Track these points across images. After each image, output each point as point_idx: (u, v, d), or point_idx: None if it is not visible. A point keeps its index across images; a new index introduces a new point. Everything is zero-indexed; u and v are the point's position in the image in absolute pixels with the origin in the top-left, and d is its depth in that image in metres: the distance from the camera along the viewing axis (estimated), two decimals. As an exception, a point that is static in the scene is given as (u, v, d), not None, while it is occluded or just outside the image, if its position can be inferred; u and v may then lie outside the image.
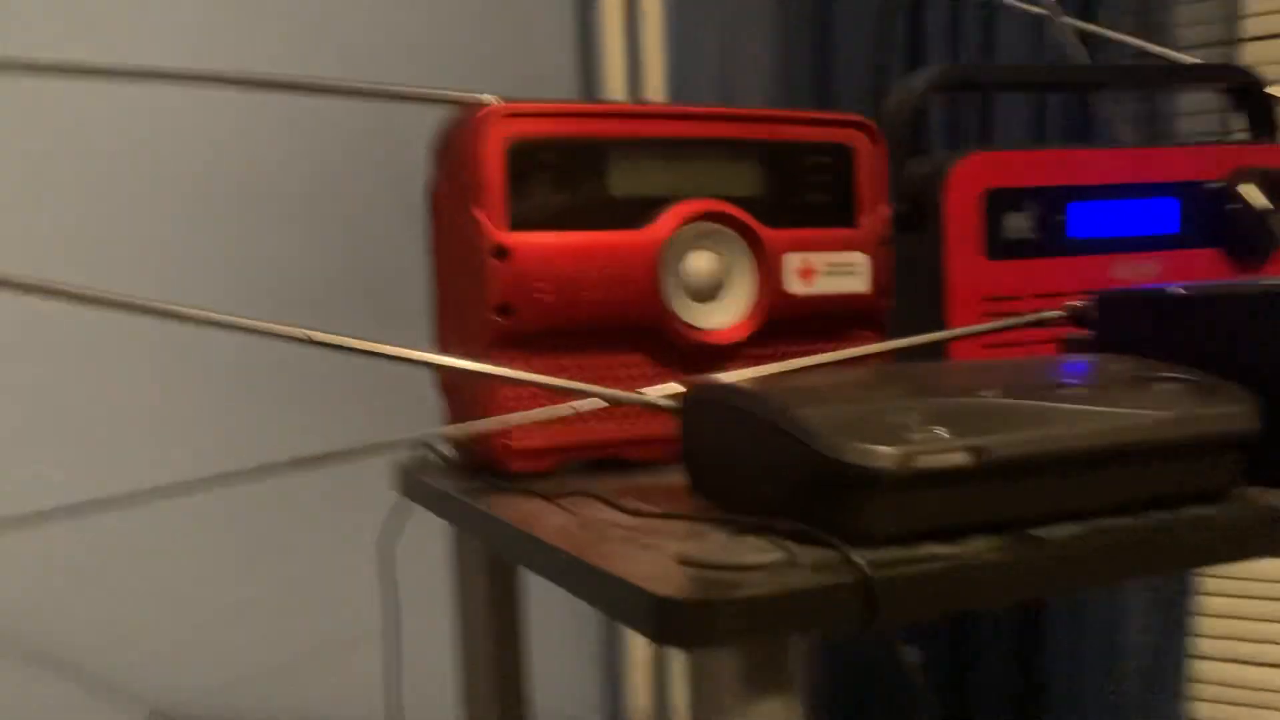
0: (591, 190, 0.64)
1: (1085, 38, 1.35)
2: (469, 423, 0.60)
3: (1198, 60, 0.86)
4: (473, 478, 0.63)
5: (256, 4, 1.34)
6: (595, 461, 0.65)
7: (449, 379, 0.66)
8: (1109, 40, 0.99)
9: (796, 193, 0.69)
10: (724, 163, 0.67)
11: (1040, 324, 0.69)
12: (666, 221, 0.64)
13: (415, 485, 0.67)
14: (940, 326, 0.75)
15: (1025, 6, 0.91)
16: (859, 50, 1.67)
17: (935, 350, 0.73)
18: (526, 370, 0.62)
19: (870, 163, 0.71)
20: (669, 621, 0.38)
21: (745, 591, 0.38)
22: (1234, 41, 1.55)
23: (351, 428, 1.35)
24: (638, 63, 1.70)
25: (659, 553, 0.44)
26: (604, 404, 0.60)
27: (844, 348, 0.71)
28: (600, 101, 0.64)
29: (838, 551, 0.41)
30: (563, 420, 0.63)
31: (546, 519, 0.52)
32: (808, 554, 0.42)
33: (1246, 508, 0.48)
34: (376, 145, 1.40)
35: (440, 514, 0.63)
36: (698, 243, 0.66)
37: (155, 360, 1.25)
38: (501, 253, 0.61)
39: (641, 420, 0.64)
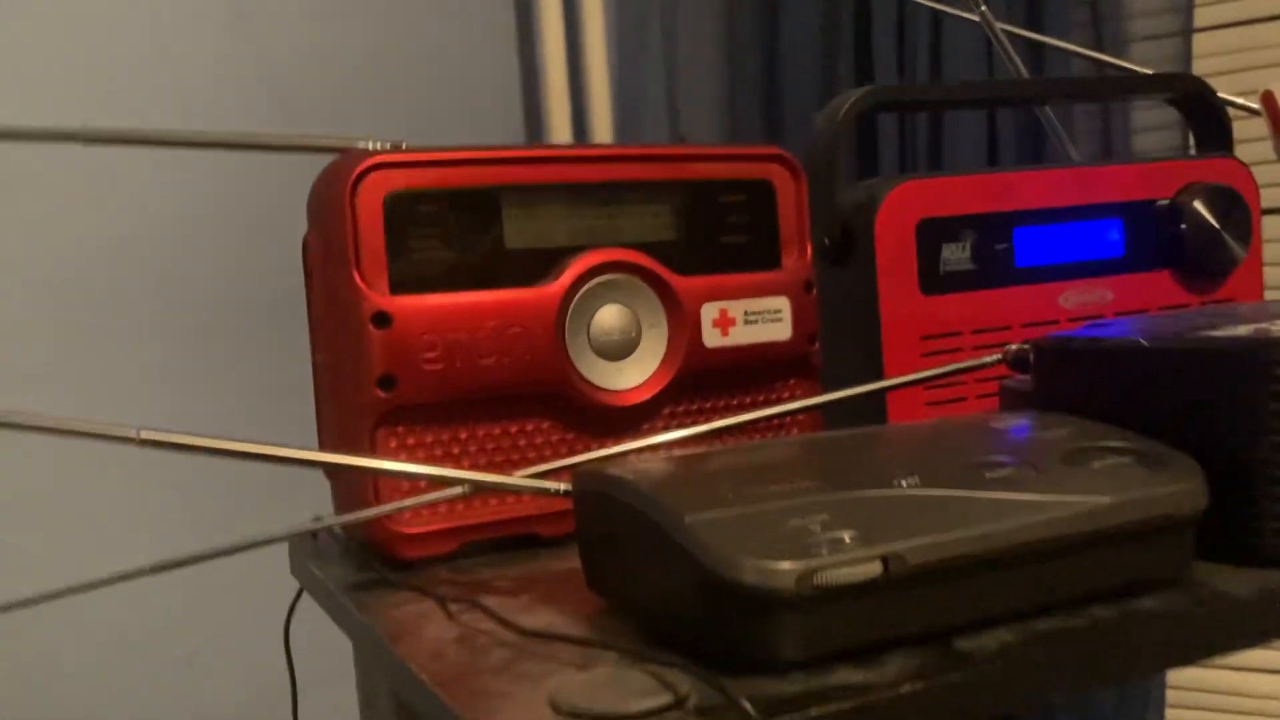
0: (483, 244, 0.58)
1: (1034, 46, 1.30)
2: (355, 513, 0.54)
3: (1143, 70, 0.81)
4: (363, 566, 0.58)
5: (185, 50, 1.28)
6: (487, 541, 0.59)
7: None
8: (1061, 50, 0.94)
9: (712, 236, 0.63)
10: (631, 207, 0.62)
11: (979, 368, 0.64)
12: (568, 275, 0.59)
13: (305, 573, 0.61)
14: (874, 368, 0.70)
15: (960, 14, 0.86)
16: (807, 76, 1.62)
17: (872, 398, 0.68)
18: (417, 444, 0.57)
19: (791, 199, 0.66)
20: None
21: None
22: (1188, 32, 1.51)
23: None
24: (583, 103, 1.65)
25: (535, 690, 0.38)
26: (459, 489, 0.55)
27: (771, 398, 0.65)
28: (488, 146, 0.58)
29: (724, 694, 0.35)
30: (462, 499, 0.57)
31: (424, 630, 0.47)
32: (700, 692, 0.37)
33: (1199, 596, 0.43)
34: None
35: (326, 609, 0.57)
36: (604, 296, 0.60)
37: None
38: (382, 319, 0.55)
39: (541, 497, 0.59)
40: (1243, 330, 0.49)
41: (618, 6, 1.74)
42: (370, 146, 0.59)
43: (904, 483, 0.42)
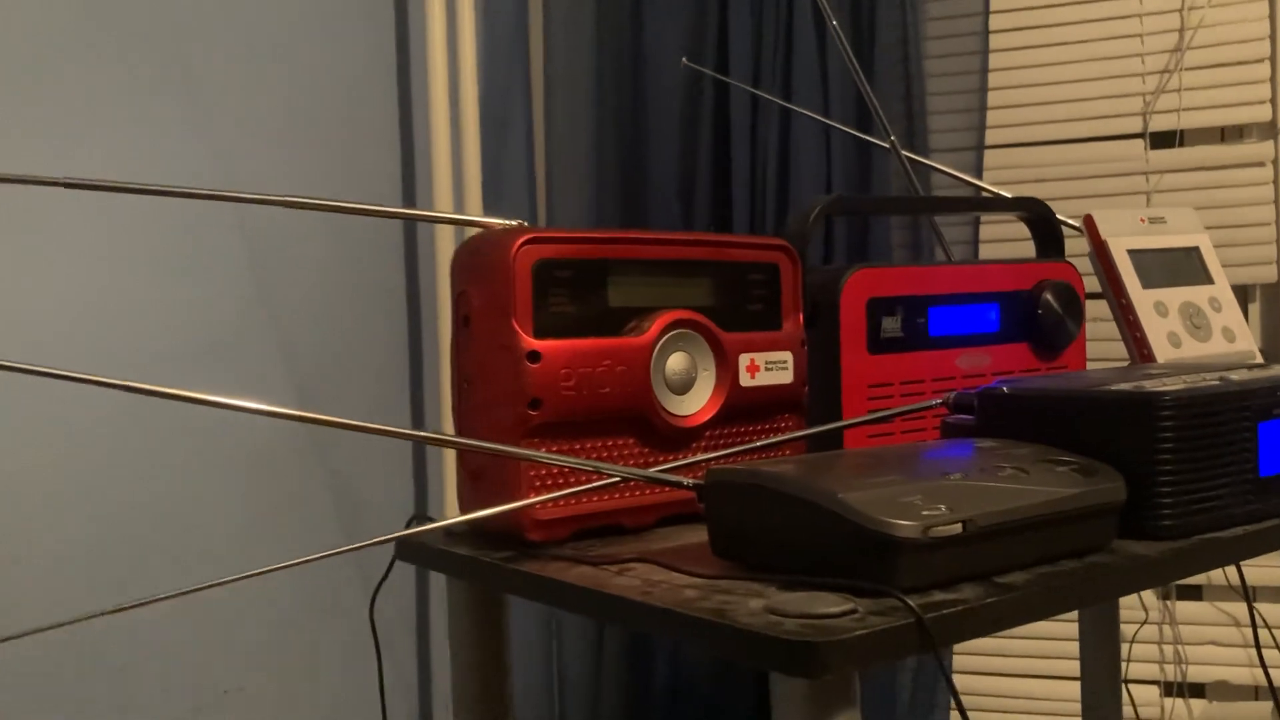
0: (595, 302, 0.77)
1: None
2: (513, 503, 0.71)
3: (1005, 194, 1.09)
4: (486, 547, 0.75)
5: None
6: (589, 529, 0.77)
7: (475, 466, 0.77)
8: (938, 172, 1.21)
9: (741, 303, 0.85)
10: (689, 278, 0.82)
11: (927, 409, 0.88)
12: (654, 328, 0.78)
13: (433, 556, 0.77)
14: (835, 410, 0.92)
15: (872, 140, 1.11)
16: (671, 169, 1.86)
17: (835, 434, 0.90)
18: (548, 452, 0.75)
19: (790, 278, 0.88)
20: (795, 660, 0.52)
21: (843, 634, 0.53)
22: (979, 148, 1.85)
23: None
24: (460, 163, 1.79)
25: (745, 608, 0.58)
26: (616, 480, 0.73)
27: (774, 428, 0.87)
28: (599, 228, 0.77)
29: (898, 601, 0.56)
30: (576, 495, 0.75)
31: (610, 582, 0.65)
32: (862, 604, 0.57)
33: (1124, 556, 0.67)
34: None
35: (474, 580, 0.73)
36: (676, 346, 0.80)
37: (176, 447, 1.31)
38: (534, 356, 0.73)
39: (636, 492, 0.78)
40: (1126, 386, 0.75)
41: (486, 93, 1.91)
42: (507, 224, 0.77)
43: (953, 477, 0.65)
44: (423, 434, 0.65)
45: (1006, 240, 1.81)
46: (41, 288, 1.30)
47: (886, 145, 1.08)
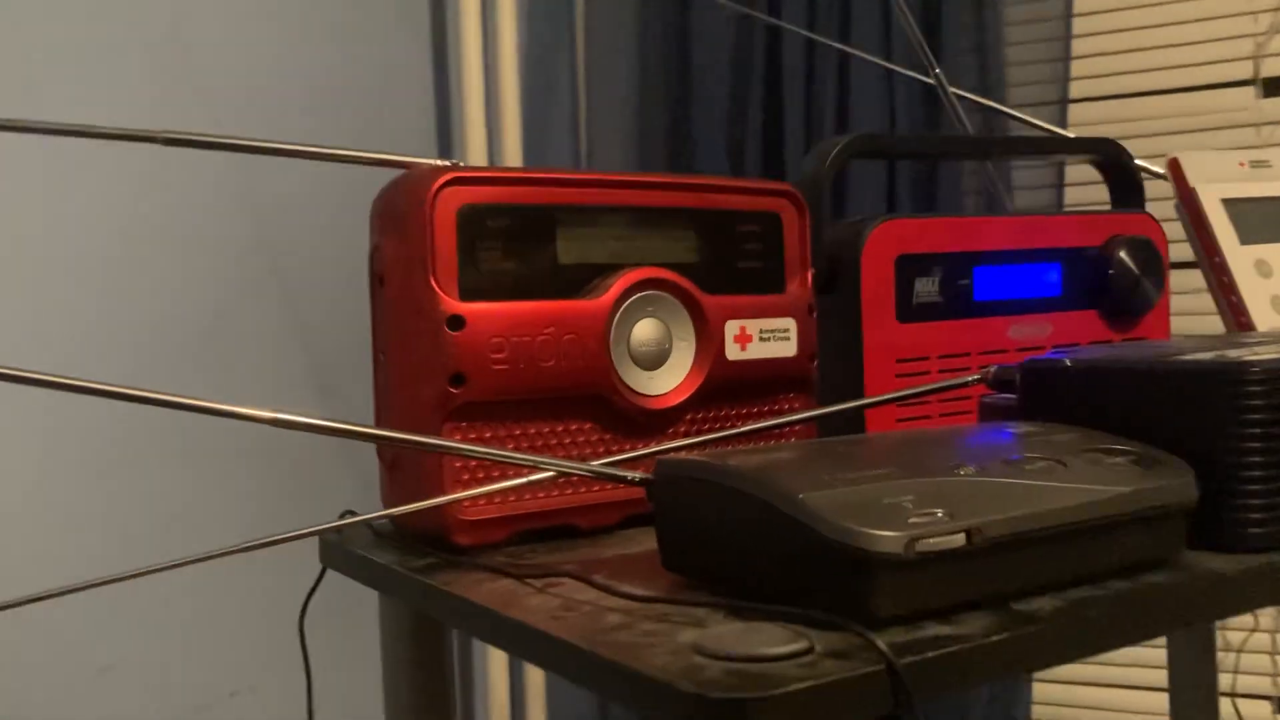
0: (539, 258, 0.63)
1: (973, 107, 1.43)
2: (431, 500, 0.58)
3: (1073, 135, 0.92)
4: (411, 552, 0.62)
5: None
6: (539, 530, 0.64)
7: (391, 455, 0.64)
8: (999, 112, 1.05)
9: (730, 260, 0.70)
10: (663, 230, 0.68)
11: (960, 386, 0.72)
12: (615, 289, 0.65)
13: (349, 560, 0.65)
14: (856, 387, 0.77)
15: (915, 76, 0.95)
16: (718, 88, 1.71)
17: (853, 411, 0.75)
18: (478, 439, 0.62)
19: (796, 231, 0.73)
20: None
21: (780, 687, 0.39)
22: (1063, 101, 1.66)
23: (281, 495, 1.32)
24: (496, 123, 1.70)
25: (669, 643, 0.44)
26: (551, 474, 0.60)
27: (775, 409, 0.72)
28: (547, 168, 0.64)
29: (861, 638, 0.42)
30: (514, 490, 0.62)
31: (525, 601, 0.51)
32: (822, 640, 0.43)
33: (1195, 574, 0.51)
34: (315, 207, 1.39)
35: (386, 591, 0.61)
36: (643, 310, 0.66)
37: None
38: (456, 322, 0.60)
39: (592, 488, 0.64)
40: (1205, 356, 0.59)
41: (529, 38, 1.81)
42: (437, 164, 0.64)
43: (963, 471, 0.50)
44: (301, 420, 0.52)
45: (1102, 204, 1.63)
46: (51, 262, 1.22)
47: (930, 80, 0.92)
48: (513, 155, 1.73)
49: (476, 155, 1.70)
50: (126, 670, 1.28)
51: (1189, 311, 1.39)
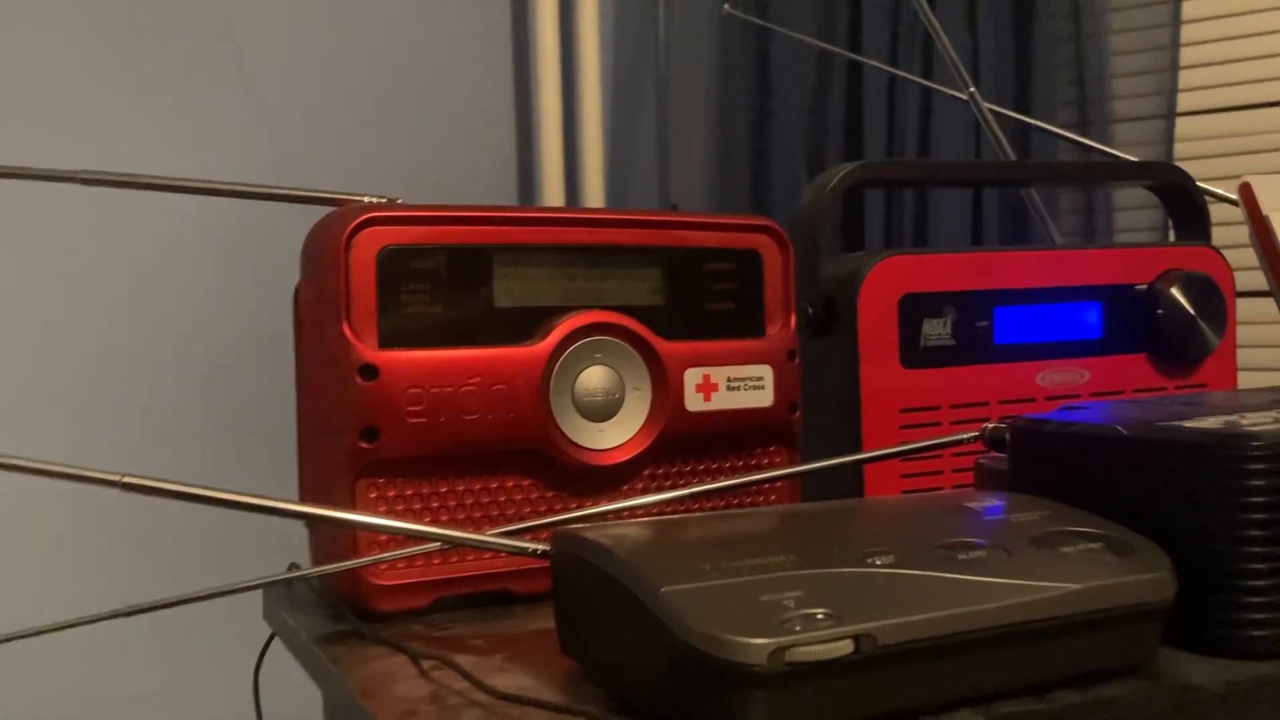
0: (473, 302, 0.59)
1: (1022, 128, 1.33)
2: (330, 565, 0.54)
3: (1127, 157, 0.83)
4: (337, 617, 0.58)
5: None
6: (461, 597, 0.59)
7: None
8: (1048, 131, 0.96)
9: (698, 302, 0.64)
10: (619, 270, 0.62)
11: (956, 443, 0.65)
12: (554, 335, 0.60)
13: (278, 620, 0.61)
14: (853, 438, 0.70)
15: (949, 92, 0.88)
16: (796, 149, 1.65)
17: (850, 468, 0.68)
18: (397, 496, 0.57)
19: (778, 269, 0.67)
20: None
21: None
22: (1171, 115, 1.54)
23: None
24: (575, 169, 1.68)
25: (504, 752, 0.39)
26: (466, 539, 0.55)
27: (750, 464, 0.66)
28: (481, 206, 0.59)
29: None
30: (438, 554, 0.57)
31: (395, 687, 0.47)
32: (668, 762, 0.37)
33: (1164, 686, 0.43)
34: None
35: (298, 658, 0.57)
36: (589, 358, 0.61)
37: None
38: (369, 372, 0.56)
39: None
40: (1213, 422, 0.50)
41: (613, 76, 1.78)
42: (370, 201, 0.60)
43: (878, 561, 0.43)
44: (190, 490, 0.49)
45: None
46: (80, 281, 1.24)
47: (964, 97, 0.84)
48: (594, 195, 1.70)
49: (553, 194, 1.68)
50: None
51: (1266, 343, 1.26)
